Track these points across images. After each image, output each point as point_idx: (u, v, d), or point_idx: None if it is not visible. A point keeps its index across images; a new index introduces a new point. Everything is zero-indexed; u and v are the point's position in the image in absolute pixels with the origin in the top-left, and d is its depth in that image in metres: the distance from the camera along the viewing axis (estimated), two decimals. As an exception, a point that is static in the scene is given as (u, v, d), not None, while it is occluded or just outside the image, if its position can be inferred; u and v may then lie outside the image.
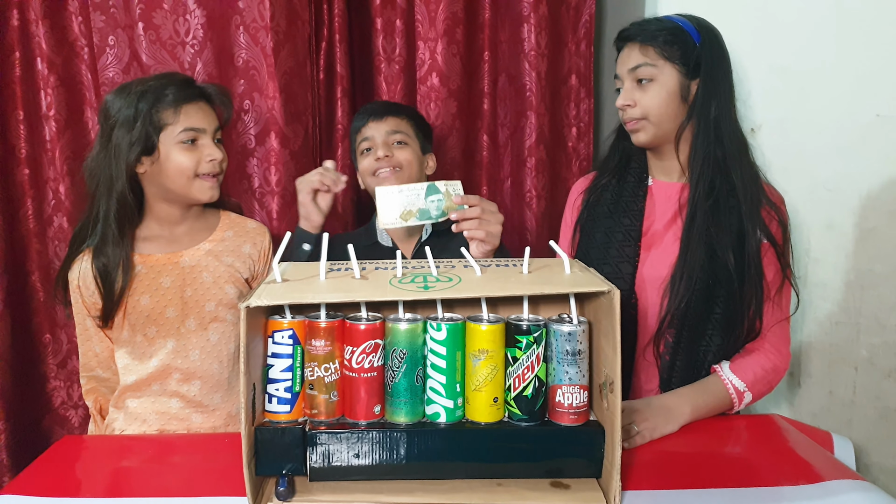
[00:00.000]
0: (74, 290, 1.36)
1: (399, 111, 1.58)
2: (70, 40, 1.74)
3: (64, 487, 0.97)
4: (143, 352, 1.35)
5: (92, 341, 1.40)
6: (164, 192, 1.35)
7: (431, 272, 0.95)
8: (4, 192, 1.71)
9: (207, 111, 1.36)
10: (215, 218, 1.46)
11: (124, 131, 1.29)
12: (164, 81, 1.32)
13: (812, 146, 1.60)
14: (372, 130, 1.54)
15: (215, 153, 1.34)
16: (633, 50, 1.30)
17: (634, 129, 1.31)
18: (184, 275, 1.36)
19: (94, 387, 1.43)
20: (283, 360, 0.91)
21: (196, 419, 1.36)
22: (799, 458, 1.06)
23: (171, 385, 1.35)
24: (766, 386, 1.26)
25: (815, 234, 1.61)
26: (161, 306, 1.34)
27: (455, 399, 0.91)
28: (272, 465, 0.90)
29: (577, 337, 0.90)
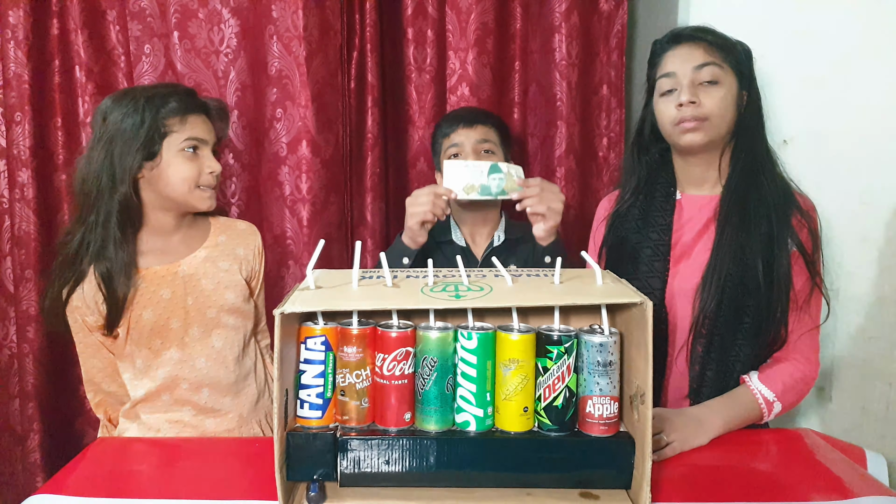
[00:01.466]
0: (73, 309, 1.32)
1: (487, 119, 1.61)
2: (108, 49, 1.78)
3: (99, 488, 0.98)
4: (150, 364, 1.35)
5: (95, 358, 1.38)
6: (160, 200, 1.34)
7: (463, 281, 0.95)
8: (42, 197, 1.75)
9: (208, 124, 1.37)
10: (206, 224, 1.45)
11: (128, 136, 1.28)
12: (169, 90, 1.34)
13: (846, 158, 1.58)
14: (462, 137, 1.57)
15: (215, 166, 1.36)
16: (696, 48, 1.27)
17: (692, 129, 1.26)
18: (184, 284, 1.36)
19: (102, 399, 1.42)
20: (315, 366, 0.92)
21: (209, 424, 1.38)
22: (830, 474, 1.04)
23: (181, 394, 1.36)
24: (795, 396, 1.25)
25: (849, 247, 1.59)
26: (164, 318, 1.34)
27: (485, 408, 0.91)
28: (303, 470, 0.91)
29: (609, 348, 0.90)
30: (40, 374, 1.75)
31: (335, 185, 1.82)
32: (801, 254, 1.24)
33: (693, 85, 1.26)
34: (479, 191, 1.33)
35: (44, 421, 1.76)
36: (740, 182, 1.28)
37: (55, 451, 1.78)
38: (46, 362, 1.76)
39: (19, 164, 1.72)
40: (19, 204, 1.73)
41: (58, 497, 0.96)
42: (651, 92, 1.35)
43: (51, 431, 1.78)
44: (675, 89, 1.27)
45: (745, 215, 1.25)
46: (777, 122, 1.43)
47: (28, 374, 1.73)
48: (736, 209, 1.26)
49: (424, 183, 1.89)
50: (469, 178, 1.34)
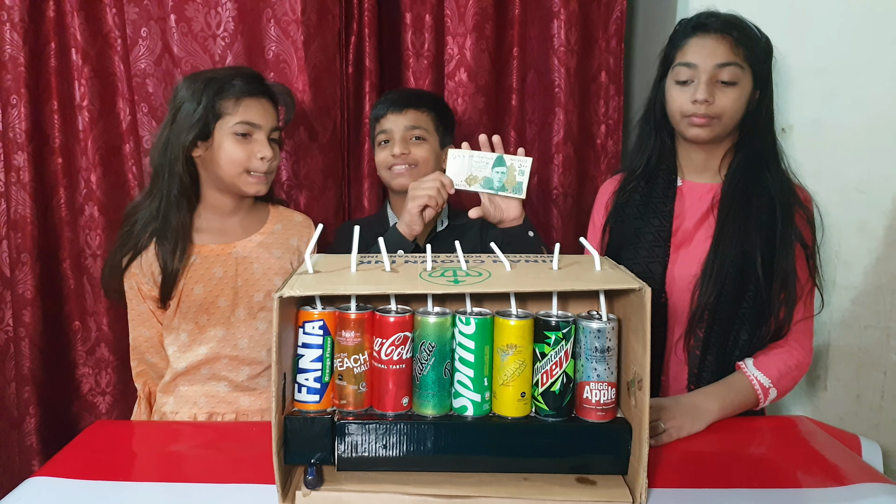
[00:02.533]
0: (130, 276, 1.39)
1: (420, 103, 1.56)
2: (104, 32, 1.76)
3: (95, 470, 0.98)
4: (194, 339, 1.39)
5: (143, 327, 1.43)
6: (214, 180, 1.39)
7: (461, 266, 0.95)
8: (38, 180, 1.74)
9: (268, 109, 1.39)
10: (265, 211, 1.50)
11: (186, 114, 1.34)
12: (232, 73, 1.38)
13: (845, 147, 1.58)
14: (390, 123, 1.53)
15: (266, 151, 1.37)
16: (722, 43, 1.24)
17: (703, 125, 1.26)
18: (236, 265, 1.40)
19: (144, 370, 1.46)
20: (313, 350, 0.91)
21: (244, 402, 1.40)
22: (826, 461, 1.05)
23: (220, 370, 1.40)
24: (790, 382, 1.26)
25: (846, 236, 1.59)
26: (213, 296, 1.38)
27: (482, 393, 0.92)
28: (301, 454, 0.91)
29: (607, 334, 0.90)
30: (36, 357, 1.74)
31: (332, 170, 1.81)
32: (801, 247, 1.25)
33: (711, 81, 1.24)
34: (481, 183, 1.30)
35: (40, 405, 1.75)
36: (743, 173, 1.28)
37: (51, 435, 1.77)
38: (43, 346, 1.75)
39: (15, 147, 1.71)
40: (15, 187, 1.72)
41: (56, 479, 0.96)
42: (666, 70, 1.32)
43: (47, 415, 1.77)
44: (693, 81, 1.26)
45: (748, 206, 1.26)
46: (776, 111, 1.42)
47: (24, 358, 1.73)
48: (738, 199, 1.27)
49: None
50: (473, 168, 1.31)
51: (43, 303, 1.75)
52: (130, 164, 1.78)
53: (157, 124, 1.74)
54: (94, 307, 1.80)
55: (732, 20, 1.27)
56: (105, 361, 1.82)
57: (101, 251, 1.78)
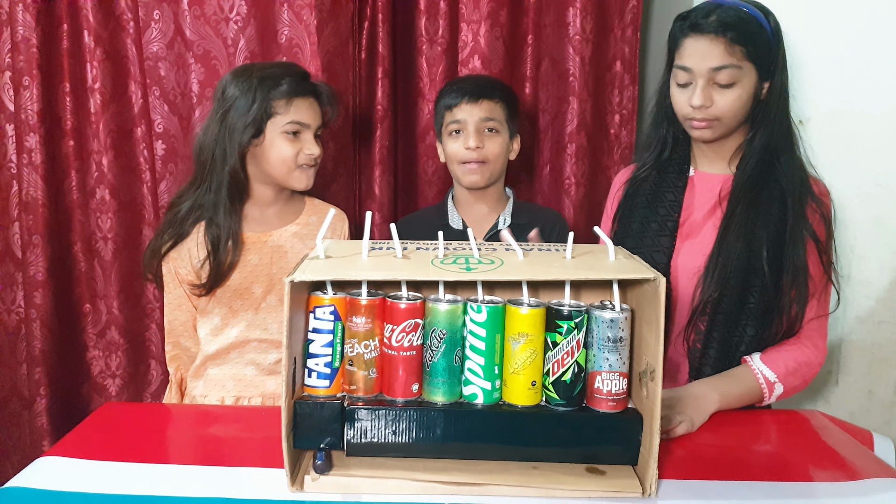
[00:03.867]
0: (169, 260, 1.43)
1: (493, 93, 1.53)
2: (116, 14, 1.76)
3: (105, 451, 0.99)
4: (227, 322, 1.43)
5: (179, 310, 1.47)
6: (262, 175, 1.44)
7: (473, 254, 0.94)
8: (50, 163, 1.74)
9: (315, 108, 1.44)
10: (301, 203, 1.54)
11: (240, 113, 1.37)
12: (282, 71, 1.42)
13: (862, 140, 1.56)
14: (464, 114, 1.51)
15: (314, 149, 1.42)
16: (716, 45, 1.20)
17: (703, 128, 1.25)
18: (271, 253, 1.45)
19: (177, 354, 1.49)
20: (323, 335, 0.91)
21: (270, 385, 1.44)
22: (838, 455, 1.04)
23: (248, 354, 1.44)
24: (798, 379, 1.23)
25: (862, 230, 1.57)
26: (248, 282, 1.42)
27: (493, 381, 0.91)
28: (310, 438, 0.91)
29: (619, 324, 0.89)
30: (47, 339, 1.75)
31: (343, 157, 1.80)
32: (814, 242, 1.23)
33: (708, 85, 1.22)
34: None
35: (51, 386, 1.76)
36: (755, 164, 1.26)
37: (61, 416, 1.78)
38: (54, 327, 1.76)
39: (27, 128, 1.71)
40: (27, 169, 1.72)
41: (66, 459, 0.97)
42: (670, 66, 1.31)
43: (57, 396, 1.78)
44: (691, 83, 1.24)
45: (757, 198, 1.24)
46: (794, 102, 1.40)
47: (35, 339, 1.74)
48: (747, 192, 1.25)
49: (433, 157, 1.88)
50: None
51: (54, 285, 1.75)
52: (142, 148, 1.78)
53: (169, 108, 1.74)
54: (105, 290, 1.81)
55: (728, 18, 1.20)
56: (115, 344, 1.83)
57: (112, 234, 1.78)
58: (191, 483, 0.91)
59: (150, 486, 0.90)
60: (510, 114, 1.56)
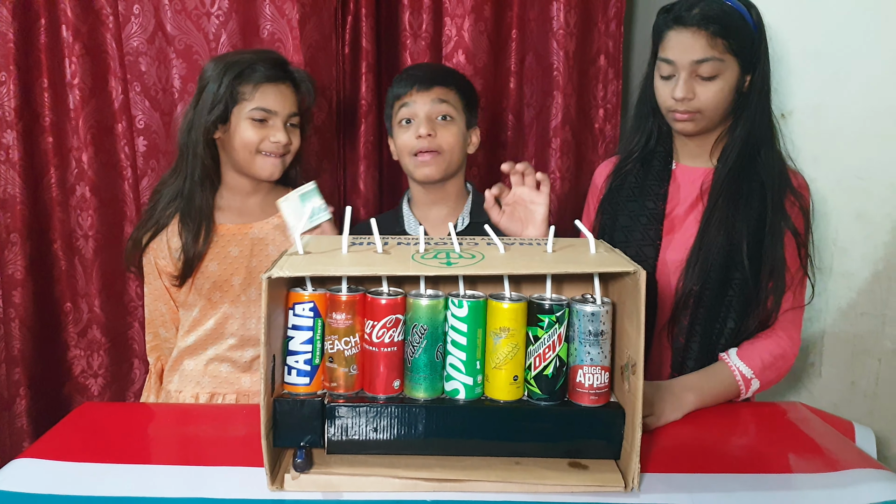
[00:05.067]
0: (149, 250, 1.42)
1: (447, 80, 1.44)
2: (95, 9, 1.73)
3: (82, 453, 0.97)
4: (205, 314, 1.42)
5: (159, 301, 1.46)
6: (233, 162, 1.42)
7: (454, 249, 0.94)
8: (29, 159, 1.72)
9: (287, 95, 1.41)
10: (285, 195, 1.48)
11: (208, 97, 1.36)
12: (254, 57, 1.40)
13: (844, 133, 1.56)
14: (415, 102, 1.41)
15: (280, 136, 1.38)
16: (698, 38, 1.21)
17: (685, 120, 1.26)
18: (251, 245, 1.43)
19: (157, 344, 1.49)
20: (303, 332, 0.90)
21: (245, 382, 1.43)
22: (819, 446, 1.04)
23: (224, 350, 1.42)
24: (774, 373, 1.24)
25: (844, 223, 1.58)
26: (228, 274, 1.41)
27: (475, 376, 0.91)
28: (290, 436, 0.90)
29: (601, 317, 0.88)
30: (27, 339, 1.72)
31: (327, 152, 1.79)
32: (792, 235, 1.23)
33: (691, 77, 1.22)
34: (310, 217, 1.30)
35: (30, 386, 1.74)
36: (736, 158, 1.26)
37: (42, 416, 1.76)
38: (34, 327, 1.74)
39: (4, 125, 1.68)
40: (4, 166, 1.69)
41: (41, 461, 0.95)
42: (654, 59, 1.31)
43: (38, 397, 1.76)
44: (673, 76, 1.24)
45: (738, 191, 1.25)
46: (776, 96, 1.41)
47: (14, 339, 1.71)
48: (728, 185, 1.25)
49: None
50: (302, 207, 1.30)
51: (33, 284, 1.73)
52: (123, 144, 1.76)
53: (150, 104, 1.72)
54: (86, 288, 1.78)
55: (710, 11, 1.21)
56: (97, 343, 1.81)
57: (93, 232, 1.76)
58: (170, 483, 0.90)
59: (129, 487, 0.89)
60: (466, 103, 1.46)
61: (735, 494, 0.89)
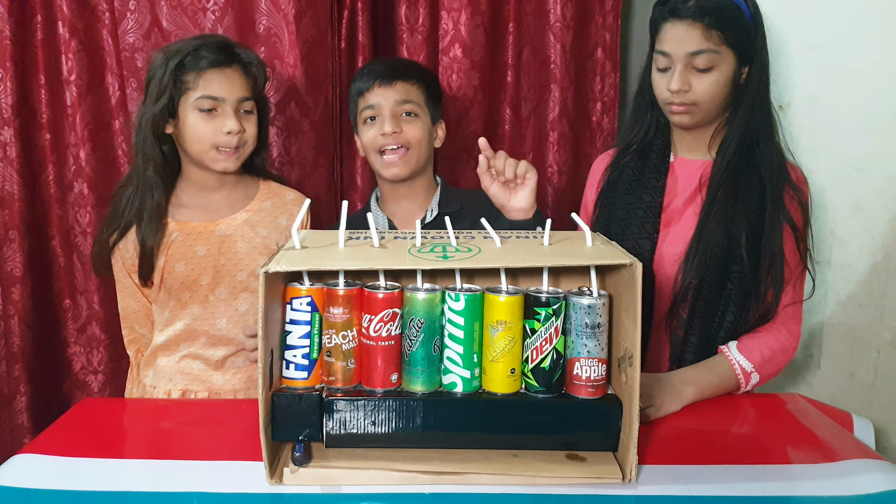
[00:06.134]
0: (115, 250, 1.39)
1: (409, 74, 1.43)
2: (92, 4, 1.72)
3: (82, 448, 0.98)
4: (176, 314, 1.39)
5: (131, 299, 1.44)
6: (190, 157, 1.37)
7: (451, 242, 0.94)
8: (26, 156, 1.72)
9: (234, 79, 1.34)
10: (254, 187, 1.45)
11: (154, 90, 1.31)
12: (197, 43, 1.33)
13: (842, 125, 1.56)
14: (378, 97, 1.40)
15: (231, 125, 1.31)
16: (693, 30, 1.20)
17: (681, 113, 1.26)
18: (219, 243, 1.38)
19: (135, 337, 1.47)
20: (301, 326, 0.90)
21: (217, 380, 1.40)
22: (817, 437, 1.05)
23: (196, 348, 1.39)
24: (774, 367, 1.24)
25: (842, 214, 1.58)
26: (196, 273, 1.36)
27: (472, 369, 0.91)
28: (289, 430, 0.90)
29: (597, 310, 0.89)
30: (26, 335, 1.73)
31: (324, 147, 1.79)
32: (791, 229, 1.23)
33: (686, 69, 1.22)
34: None
35: (30, 383, 1.74)
36: (734, 151, 1.26)
37: (42, 413, 1.76)
38: (33, 324, 1.74)
39: (1, 122, 1.67)
40: (2, 163, 1.68)
41: (42, 457, 0.95)
42: (653, 51, 1.30)
43: (38, 393, 1.76)
44: (670, 68, 1.24)
45: (736, 185, 1.24)
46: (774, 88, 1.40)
47: (14, 336, 1.71)
48: (727, 178, 1.25)
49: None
50: None
51: (32, 280, 1.73)
52: (120, 141, 1.76)
53: (147, 100, 1.71)
54: (85, 285, 1.79)
55: (706, 3, 1.20)
56: (97, 340, 1.81)
57: (91, 228, 1.75)
58: (169, 478, 0.90)
59: (129, 482, 0.89)
60: (429, 96, 1.45)
61: (732, 485, 0.89)
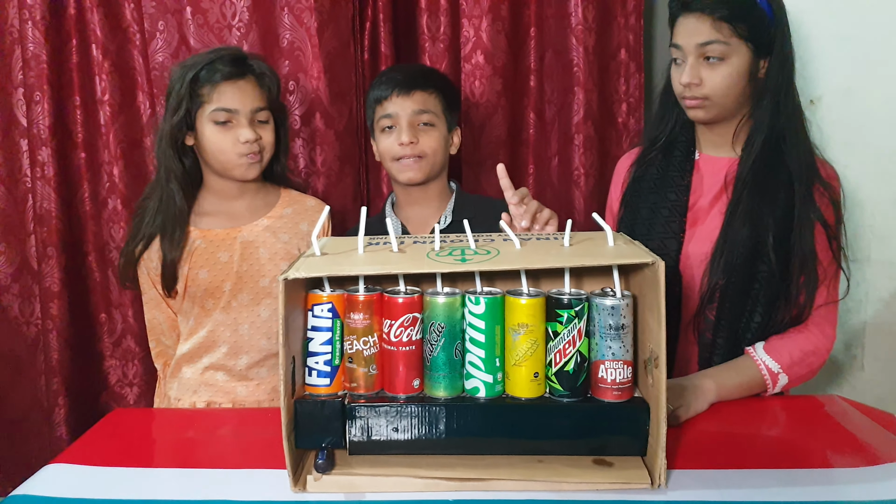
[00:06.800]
0: (141, 262, 1.41)
1: (427, 83, 1.44)
2: (123, 27, 1.77)
3: (112, 458, 0.99)
4: (200, 322, 1.40)
5: (157, 310, 1.46)
6: (212, 168, 1.40)
7: (470, 245, 0.93)
8: (63, 175, 1.76)
9: (247, 91, 1.37)
10: (275, 195, 1.48)
11: (172, 104, 1.34)
12: (212, 56, 1.36)
13: (877, 117, 1.51)
14: (396, 107, 1.41)
15: (247, 134, 1.34)
16: (702, 22, 1.20)
17: (695, 107, 1.24)
18: (241, 249, 1.39)
19: (162, 350, 1.49)
20: (322, 333, 0.90)
21: (241, 391, 1.40)
22: (857, 440, 1.01)
23: (218, 358, 1.39)
24: (805, 368, 1.20)
25: (881, 209, 1.53)
26: (219, 280, 1.38)
27: (494, 374, 0.90)
28: (312, 438, 0.90)
29: (621, 311, 0.87)
30: (64, 349, 1.77)
31: (349, 157, 1.80)
32: (822, 227, 1.20)
33: (697, 61, 1.21)
34: None
35: (69, 396, 1.78)
36: (760, 148, 1.23)
37: (80, 425, 1.79)
38: (70, 338, 1.78)
39: (39, 142, 1.73)
40: (40, 182, 1.74)
41: (73, 466, 0.97)
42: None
43: (76, 406, 1.80)
44: (683, 61, 1.23)
45: (763, 182, 1.21)
46: (804, 82, 1.37)
47: (52, 350, 1.76)
48: (752, 176, 1.22)
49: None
50: None
51: (69, 296, 1.77)
52: (151, 157, 1.78)
53: (176, 117, 1.75)
54: (120, 299, 1.82)
55: None
56: (131, 353, 1.84)
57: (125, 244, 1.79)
58: (195, 486, 0.91)
59: (156, 491, 0.90)
60: (447, 105, 1.46)
61: (767, 490, 0.86)
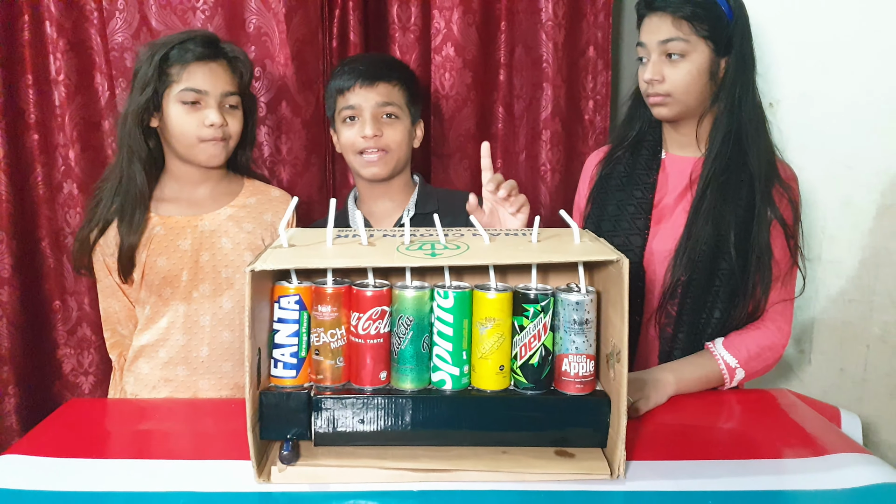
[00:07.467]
0: (96, 249, 1.37)
1: (391, 75, 1.42)
2: (79, 4, 1.71)
3: (69, 448, 0.97)
4: (157, 312, 1.36)
5: (112, 299, 1.42)
6: (175, 151, 1.36)
7: (440, 240, 0.94)
8: (14, 157, 1.70)
9: (218, 73, 1.34)
10: (239, 184, 1.45)
11: (140, 83, 1.31)
12: (183, 37, 1.33)
13: (832, 122, 1.57)
14: (359, 98, 1.39)
15: (214, 117, 1.31)
16: (664, 21, 1.24)
17: (658, 104, 1.28)
18: (202, 239, 1.36)
19: (117, 340, 1.44)
20: (289, 325, 0.90)
21: (203, 385, 1.36)
22: (805, 432, 1.05)
23: (178, 351, 1.35)
24: (761, 364, 1.25)
25: (832, 211, 1.59)
26: (177, 269, 1.34)
27: (461, 366, 0.91)
28: (277, 429, 0.90)
29: (585, 306, 0.89)
30: (15, 337, 1.71)
31: (316, 146, 1.78)
32: (781, 226, 1.24)
33: (660, 59, 1.25)
34: None
35: (19, 385, 1.73)
36: (721, 148, 1.26)
37: (32, 415, 1.75)
38: (22, 326, 1.73)
39: (-12, 122, 1.67)
40: (-10, 164, 1.68)
41: (29, 457, 0.95)
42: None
43: (27, 396, 1.75)
44: (647, 59, 1.27)
45: (725, 182, 1.25)
46: (765, 85, 1.41)
47: (2, 338, 1.70)
48: (716, 175, 1.25)
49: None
50: None
51: (21, 282, 1.72)
52: (110, 141, 1.74)
53: (136, 100, 1.71)
54: (75, 286, 1.77)
55: None
56: (87, 341, 1.80)
57: (81, 229, 1.75)
58: (156, 478, 0.90)
59: (115, 483, 0.89)
60: (410, 97, 1.44)
61: (721, 480, 0.89)
